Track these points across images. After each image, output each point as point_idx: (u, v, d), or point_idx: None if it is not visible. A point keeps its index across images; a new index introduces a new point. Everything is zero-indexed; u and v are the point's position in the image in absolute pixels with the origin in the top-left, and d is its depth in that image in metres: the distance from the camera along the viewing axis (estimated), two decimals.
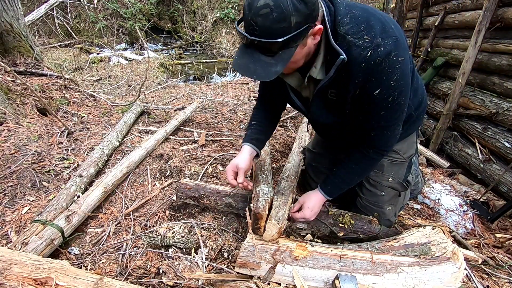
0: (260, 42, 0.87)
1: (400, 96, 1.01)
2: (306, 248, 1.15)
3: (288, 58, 0.91)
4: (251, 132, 1.41)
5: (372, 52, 0.91)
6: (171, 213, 1.58)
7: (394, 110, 1.05)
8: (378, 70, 0.93)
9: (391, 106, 1.02)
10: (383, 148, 1.19)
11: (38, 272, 0.90)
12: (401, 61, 0.93)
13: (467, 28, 2.64)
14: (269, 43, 0.86)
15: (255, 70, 0.92)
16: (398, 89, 0.98)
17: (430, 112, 3.09)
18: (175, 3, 10.35)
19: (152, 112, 3.27)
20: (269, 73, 0.91)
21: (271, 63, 0.91)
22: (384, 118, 1.07)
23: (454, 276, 1.09)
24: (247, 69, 0.93)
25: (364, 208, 1.46)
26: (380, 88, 0.97)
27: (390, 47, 0.90)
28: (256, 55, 0.91)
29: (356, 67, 0.94)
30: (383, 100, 1.00)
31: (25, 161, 1.88)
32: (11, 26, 3.11)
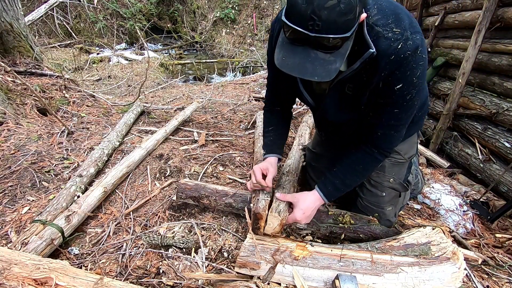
0: (321, 38, 0.76)
1: (416, 95, 1.00)
2: (306, 248, 1.15)
3: (345, 52, 0.84)
4: (271, 141, 1.40)
5: (402, 45, 0.89)
6: (171, 213, 1.58)
7: (407, 109, 1.03)
8: (405, 64, 0.91)
9: (406, 104, 1.01)
10: (387, 149, 1.17)
11: (38, 272, 0.90)
12: (424, 58, 0.93)
13: (467, 28, 2.64)
14: (332, 39, 0.76)
15: (315, 70, 0.82)
16: (417, 87, 0.97)
17: (430, 112, 3.08)
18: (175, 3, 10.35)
19: (152, 112, 3.27)
20: (330, 71, 0.82)
21: (330, 60, 0.82)
22: (395, 116, 1.05)
23: (454, 276, 1.09)
24: (304, 69, 0.82)
25: (365, 208, 1.46)
26: (402, 83, 0.95)
27: (418, 42, 0.89)
28: (312, 53, 0.82)
29: (385, 59, 0.91)
30: (401, 96, 0.99)
31: (25, 161, 1.88)
32: (11, 26, 3.11)
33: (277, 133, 1.42)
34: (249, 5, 10.34)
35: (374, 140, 1.15)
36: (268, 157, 1.35)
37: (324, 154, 1.67)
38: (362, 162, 1.19)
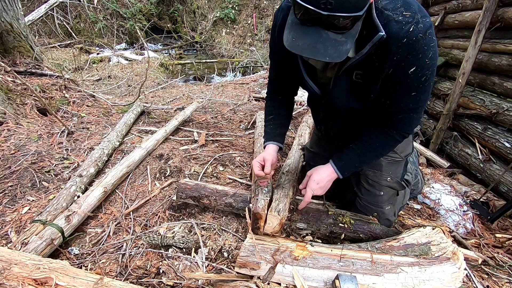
0: (333, 17, 0.75)
1: (431, 77, 0.99)
2: (306, 248, 1.15)
3: (356, 34, 0.83)
4: (271, 129, 1.40)
5: (414, 28, 0.88)
6: (171, 213, 1.58)
7: (424, 91, 1.02)
8: (417, 47, 0.90)
9: (423, 86, 1.00)
10: (408, 130, 1.15)
11: (38, 272, 0.90)
12: (434, 40, 0.93)
13: (467, 28, 2.64)
14: (344, 18, 0.75)
15: (326, 50, 0.80)
16: (431, 69, 0.96)
17: (430, 112, 3.09)
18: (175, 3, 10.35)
19: (152, 112, 3.27)
20: (341, 52, 0.81)
21: (342, 40, 0.80)
22: (414, 99, 1.04)
23: (454, 276, 1.09)
24: (315, 50, 0.81)
25: (364, 208, 1.46)
26: (415, 66, 0.94)
27: (428, 24, 0.89)
28: (323, 33, 0.80)
29: (396, 42, 0.89)
30: (416, 79, 0.97)
31: (25, 161, 1.88)
32: (11, 26, 3.11)
33: (278, 122, 1.41)
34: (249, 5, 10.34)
35: (394, 124, 1.14)
36: (267, 145, 1.36)
37: (321, 153, 1.67)
38: (381, 141, 1.18)
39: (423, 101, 1.06)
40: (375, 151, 1.20)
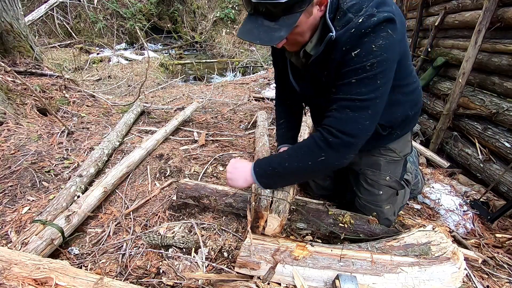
0: (263, 5, 0.86)
1: (378, 66, 0.91)
2: (306, 248, 1.15)
3: (293, 23, 0.89)
4: (283, 132, 1.46)
5: (364, 20, 0.90)
6: (171, 213, 1.58)
7: (367, 82, 0.93)
8: (365, 34, 0.90)
9: (366, 75, 0.92)
10: (335, 129, 0.97)
11: (38, 272, 0.90)
12: (390, 33, 0.89)
13: (467, 28, 2.64)
14: (272, 5, 0.85)
15: (259, 34, 0.90)
16: (379, 58, 0.90)
17: (430, 112, 3.09)
18: (175, 3, 10.35)
19: (152, 112, 3.27)
20: (272, 38, 0.89)
21: (275, 28, 0.89)
22: (353, 88, 0.94)
23: (454, 276, 1.09)
24: (251, 34, 0.91)
25: (363, 207, 1.46)
26: (359, 49, 0.91)
27: (382, 18, 0.88)
28: (260, 21, 0.91)
29: (346, 34, 0.92)
30: (359, 62, 0.92)
31: (25, 161, 1.88)
32: (11, 26, 3.11)
33: (288, 125, 1.48)
34: None
35: (327, 117, 1.02)
36: (280, 148, 1.43)
37: None
38: (305, 146, 1.06)
39: (362, 97, 0.94)
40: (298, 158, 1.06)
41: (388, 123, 1.25)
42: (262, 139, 2.25)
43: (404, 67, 1.11)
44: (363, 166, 1.42)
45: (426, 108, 3.14)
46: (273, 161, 1.11)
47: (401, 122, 1.27)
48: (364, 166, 1.42)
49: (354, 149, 1.01)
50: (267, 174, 1.11)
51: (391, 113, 1.21)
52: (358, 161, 1.43)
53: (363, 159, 1.42)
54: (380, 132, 1.26)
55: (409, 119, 1.30)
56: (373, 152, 1.39)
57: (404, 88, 1.18)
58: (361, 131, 0.97)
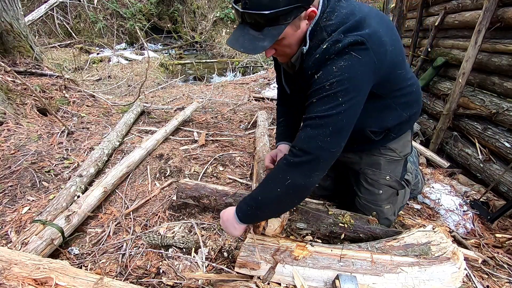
0: (249, 15, 0.90)
1: (339, 85, 0.91)
2: (306, 248, 1.15)
3: (277, 34, 0.92)
4: (282, 130, 1.49)
5: (328, 46, 0.93)
6: (171, 213, 1.58)
7: (326, 100, 0.92)
8: (327, 60, 0.94)
9: (325, 94, 0.92)
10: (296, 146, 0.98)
11: (38, 272, 0.90)
12: (354, 55, 0.90)
13: (467, 28, 2.64)
14: (257, 16, 0.88)
15: (243, 43, 0.94)
16: (339, 77, 0.91)
17: (430, 112, 3.09)
18: (175, 3, 10.35)
19: (152, 112, 3.27)
20: (256, 47, 0.92)
21: (259, 37, 0.92)
22: (314, 107, 0.95)
23: (454, 276, 1.09)
24: (237, 42, 0.95)
25: (363, 207, 1.46)
26: (321, 71, 0.95)
27: (346, 43, 0.90)
28: (246, 29, 0.94)
29: (312, 58, 0.97)
30: (320, 83, 0.94)
31: (25, 161, 1.88)
32: (11, 26, 3.11)
33: (288, 123, 1.50)
34: None
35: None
36: (279, 145, 1.45)
37: None
38: (272, 173, 1.04)
39: (322, 114, 0.93)
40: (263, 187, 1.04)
41: (380, 129, 1.27)
42: (263, 139, 2.25)
43: (394, 77, 1.12)
44: (363, 165, 1.42)
45: (426, 108, 3.14)
46: (250, 199, 1.06)
47: (396, 125, 1.28)
48: (364, 165, 1.42)
49: (318, 168, 0.97)
50: (248, 214, 1.07)
51: (382, 118, 1.24)
52: (358, 160, 1.44)
53: (363, 159, 1.42)
54: (373, 139, 1.28)
55: (405, 121, 1.30)
56: (373, 152, 1.40)
57: (396, 92, 1.19)
58: (321, 148, 0.94)
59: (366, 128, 1.24)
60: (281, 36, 0.95)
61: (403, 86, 1.20)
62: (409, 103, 1.26)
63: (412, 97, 1.27)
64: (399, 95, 1.20)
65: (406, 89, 1.22)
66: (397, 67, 1.11)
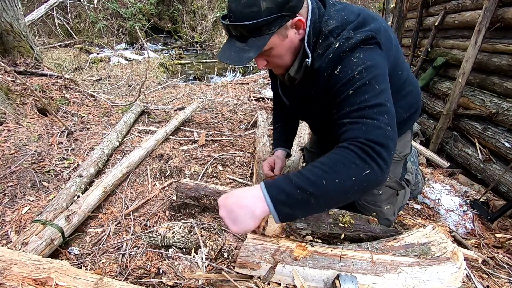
0: (234, 27, 0.92)
1: (368, 73, 0.88)
2: (306, 248, 1.15)
3: (262, 45, 0.93)
4: (278, 136, 1.50)
5: (340, 44, 0.92)
6: (171, 213, 1.58)
7: (365, 89, 0.89)
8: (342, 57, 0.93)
9: (359, 83, 0.89)
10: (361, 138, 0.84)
11: (38, 272, 0.90)
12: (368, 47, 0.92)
13: (467, 28, 2.64)
14: (240, 27, 0.90)
15: (230, 55, 0.96)
16: (363, 65, 0.89)
17: (430, 112, 3.08)
18: (175, 3, 10.35)
19: (152, 112, 3.27)
20: (241, 58, 0.93)
21: (245, 49, 0.94)
22: (355, 98, 0.89)
23: (454, 276, 1.09)
24: (223, 55, 0.98)
25: (362, 207, 1.46)
26: (341, 65, 0.93)
27: (359, 39, 0.90)
28: (232, 43, 0.97)
29: (325, 59, 0.96)
30: (346, 76, 0.91)
31: (25, 161, 1.88)
32: (11, 26, 3.11)
33: (284, 129, 1.50)
34: None
35: (344, 134, 0.91)
36: (275, 151, 1.46)
37: (322, 153, 1.68)
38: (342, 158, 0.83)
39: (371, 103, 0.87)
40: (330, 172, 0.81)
41: None
42: (263, 139, 2.25)
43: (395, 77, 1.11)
44: None
45: (426, 108, 3.14)
46: (299, 180, 0.81)
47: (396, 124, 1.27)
48: None
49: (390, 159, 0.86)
50: (293, 200, 0.80)
51: None
52: None
53: None
54: None
55: (404, 122, 1.29)
56: None
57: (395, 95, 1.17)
58: (387, 137, 0.85)
59: None
60: (268, 47, 0.95)
61: (403, 86, 1.19)
62: (408, 104, 1.26)
63: (412, 97, 1.26)
64: (398, 97, 1.19)
65: (405, 90, 1.22)
66: (398, 66, 1.11)
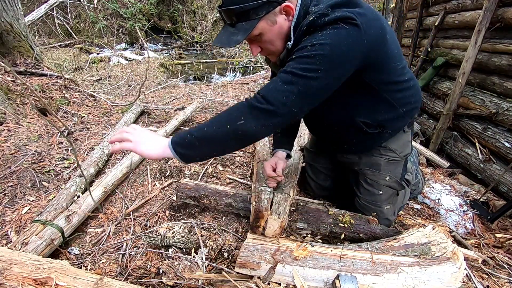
0: (224, 12, 0.98)
1: (319, 49, 0.88)
2: (306, 248, 1.15)
3: (249, 28, 0.97)
4: (279, 137, 1.51)
5: (314, 18, 0.94)
6: (171, 213, 1.58)
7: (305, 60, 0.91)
8: (314, 30, 0.94)
9: (305, 54, 0.91)
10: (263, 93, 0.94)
11: (38, 272, 0.90)
12: (341, 27, 0.88)
13: (467, 28, 2.64)
14: (229, 11, 0.96)
15: (221, 39, 1.02)
16: (323, 41, 0.89)
17: (430, 112, 3.09)
18: (175, 3, 10.35)
19: (152, 112, 3.27)
20: (230, 41, 0.99)
21: (234, 32, 0.99)
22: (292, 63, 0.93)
23: (454, 276, 1.09)
24: (216, 39, 1.05)
25: (363, 207, 1.46)
26: (307, 37, 0.95)
27: (333, 17, 0.89)
28: (225, 28, 1.04)
29: (299, 32, 0.99)
30: (303, 45, 0.93)
31: (25, 161, 1.88)
32: (11, 26, 3.11)
33: (284, 130, 1.50)
34: None
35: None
36: (276, 152, 1.46)
37: (321, 153, 1.68)
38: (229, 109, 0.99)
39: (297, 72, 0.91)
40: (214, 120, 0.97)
41: (374, 122, 1.24)
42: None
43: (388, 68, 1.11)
44: (363, 166, 1.42)
45: (426, 108, 3.14)
46: (195, 128, 0.99)
47: (392, 120, 1.26)
48: (364, 166, 1.42)
49: (273, 121, 0.94)
50: (184, 141, 0.96)
51: (376, 110, 1.22)
52: (358, 161, 1.43)
53: (363, 159, 1.42)
54: (366, 130, 1.25)
55: (400, 118, 1.28)
56: (372, 152, 1.39)
57: (391, 86, 1.17)
58: (283, 104, 0.92)
59: (356, 117, 1.23)
60: (257, 31, 1.00)
61: (399, 80, 1.18)
62: (406, 99, 1.24)
63: (410, 93, 1.25)
64: (395, 89, 1.18)
65: (403, 85, 1.20)
66: (392, 59, 1.09)
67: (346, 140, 1.37)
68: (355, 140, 1.35)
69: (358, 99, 1.18)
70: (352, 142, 1.36)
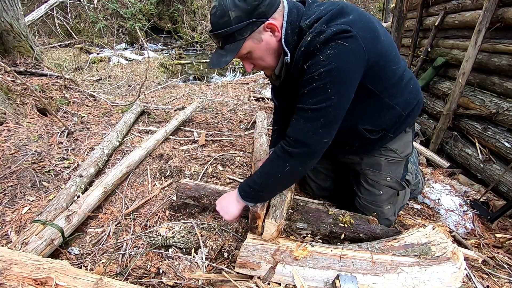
0: (213, 36, 1.04)
1: (327, 76, 0.94)
2: (306, 248, 1.15)
3: (236, 49, 1.02)
4: (275, 138, 1.59)
5: (312, 38, 0.96)
6: (171, 213, 1.58)
7: (317, 92, 0.97)
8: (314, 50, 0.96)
9: (315, 85, 0.97)
10: (288, 137, 1.08)
11: (38, 272, 0.90)
12: (340, 43, 0.91)
13: (467, 28, 2.64)
14: (217, 36, 1.02)
15: (212, 60, 1.09)
16: (327, 67, 0.93)
17: (430, 112, 3.08)
18: (175, 3, 10.35)
19: (152, 112, 3.27)
20: (220, 62, 1.05)
21: (223, 54, 1.05)
22: (305, 98, 1.01)
23: (454, 276, 1.09)
24: (210, 60, 1.11)
25: (363, 207, 1.46)
26: (310, 60, 0.98)
27: (330, 34, 0.92)
28: (217, 51, 1.09)
29: (298, 52, 1.01)
30: (309, 73, 0.97)
31: (25, 161, 1.88)
32: (11, 26, 3.11)
33: (281, 132, 1.53)
34: None
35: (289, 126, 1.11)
36: (271, 151, 1.51)
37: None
38: (270, 161, 1.16)
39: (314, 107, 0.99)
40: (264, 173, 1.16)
41: (377, 127, 1.26)
42: (260, 139, 2.25)
43: (388, 71, 1.11)
44: (364, 166, 1.42)
45: (426, 108, 3.14)
46: (252, 182, 1.18)
47: (394, 123, 1.27)
48: (365, 166, 1.42)
49: (313, 156, 1.08)
50: (251, 194, 1.19)
51: (378, 116, 1.23)
52: (359, 161, 1.43)
53: (364, 159, 1.42)
54: (368, 137, 1.27)
55: (403, 120, 1.28)
56: (374, 153, 1.39)
57: (392, 90, 1.17)
58: (314, 140, 1.04)
59: (360, 125, 1.24)
60: (245, 50, 1.05)
61: (399, 82, 1.18)
62: (406, 101, 1.24)
63: (410, 94, 1.25)
64: (396, 93, 1.19)
65: (402, 86, 1.21)
66: (390, 61, 1.10)
67: (348, 144, 1.37)
68: (357, 144, 1.35)
69: (361, 107, 1.19)
70: (355, 145, 1.36)
